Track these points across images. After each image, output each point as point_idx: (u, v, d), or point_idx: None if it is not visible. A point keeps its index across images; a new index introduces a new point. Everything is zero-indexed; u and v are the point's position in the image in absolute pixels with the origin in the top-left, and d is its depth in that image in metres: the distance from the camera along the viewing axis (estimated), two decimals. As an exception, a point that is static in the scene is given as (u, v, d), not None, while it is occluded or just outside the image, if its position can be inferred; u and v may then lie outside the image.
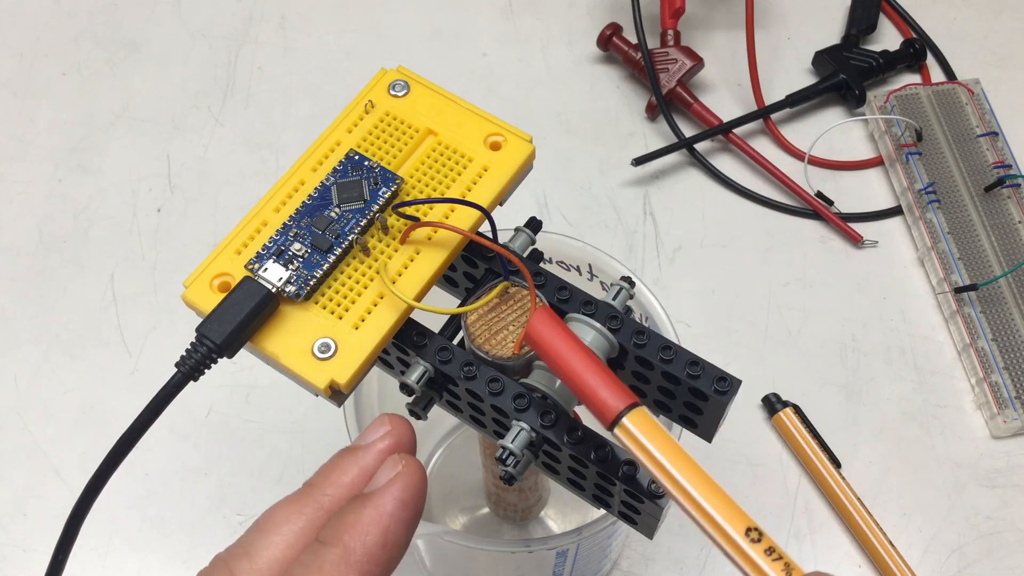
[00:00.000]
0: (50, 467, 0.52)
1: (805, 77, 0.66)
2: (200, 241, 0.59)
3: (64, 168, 0.62)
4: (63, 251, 0.59)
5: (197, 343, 0.27)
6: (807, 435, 0.51)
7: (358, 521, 0.23)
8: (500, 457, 0.28)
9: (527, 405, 0.28)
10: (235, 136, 0.63)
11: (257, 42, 0.68)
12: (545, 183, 0.61)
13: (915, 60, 0.65)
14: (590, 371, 0.25)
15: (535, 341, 0.26)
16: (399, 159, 0.31)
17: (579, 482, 0.30)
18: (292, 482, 0.51)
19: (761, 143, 0.63)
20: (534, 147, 0.32)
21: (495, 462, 0.27)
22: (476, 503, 0.50)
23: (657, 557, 0.50)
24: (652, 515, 0.28)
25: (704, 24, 0.68)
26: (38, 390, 0.54)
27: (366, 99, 0.33)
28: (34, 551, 0.50)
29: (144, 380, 0.54)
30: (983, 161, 0.59)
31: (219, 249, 0.30)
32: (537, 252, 0.33)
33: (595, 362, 0.25)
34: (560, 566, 0.41)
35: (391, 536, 0.23)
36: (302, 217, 0.30)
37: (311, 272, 0.29)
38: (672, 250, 0.59)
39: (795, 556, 0.50)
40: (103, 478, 0.26)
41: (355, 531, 0.23)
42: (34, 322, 0.56)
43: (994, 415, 0.52)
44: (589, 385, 0.25)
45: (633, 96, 0.65)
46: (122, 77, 0.66)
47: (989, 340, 0.54)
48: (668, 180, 0.62)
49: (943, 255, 0.57)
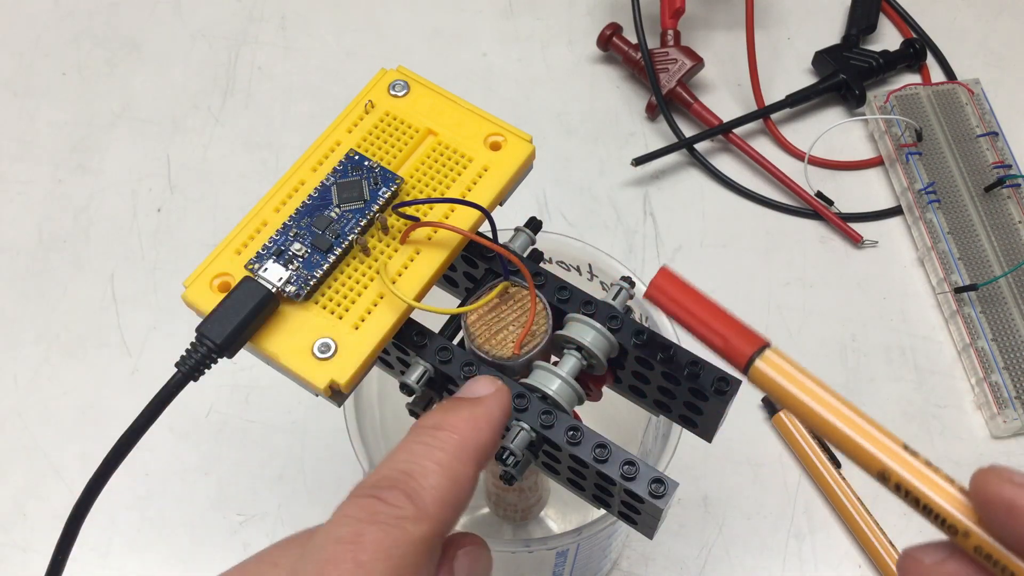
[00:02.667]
0: (50, 467, 0.52)
1: (805, 77, 0.66)
2: (200, 241, 0.59)
3: (64, 168, 0.62)
4: (63, 251, 0.59)
5: (197, 343, 0.27)
6: (807, 435, 0.51)
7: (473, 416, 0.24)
8: (500, 457, 0.28)
9: (527, 405, 0.28)
10: (235, 136, 0.63)
11: (257, 42, 0.68)
12: (545, 183, 0.61)
13: (915, 60, 0.65)
14: (717, 319, 0.25)
15: (656, 298, 0.26)
16: (399, 159, 0.31)
17: (579, 482, 0.30)
18: (292, 482, 0.51)
19: (761, 143, 0.63)
20: (534, 147, 0.32)
21: (495, 462, 0.27)
22: (476, 503, 0.50)
23: (657, 557, 0.50)
24: (652, 515, 0.28)
25: (704, 24, 0.68)
26: (38, 390, 0.54)
27: (366, 99, 0.33)
28: (34, 551, 0.50)
29: (144, 380, 0.54)
30: (983, 161, 0.59)
31: (219, 249, 0.30)
32: (537, 252, 0.33)
33: (719, 311, 0.25)
34: (560, 566, 0.41)
35: (496, 439, 0.24)
36: (302, 217, 0.30)
37: (311, 272, 0.29)
38: (672, 250, 0.59)
39: (795, 556, 0.50)
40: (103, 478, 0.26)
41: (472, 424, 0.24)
42: (34, 322, 0.56)
43: (994, 415, 0.52)
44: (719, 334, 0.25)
45: (633, 96, 0.65)
46: (122, 77, 0.66)
47: (989, 340, 0.53)
48: (668, 180, 0.62)
49: (943, 255, 0.57)
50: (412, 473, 0.22)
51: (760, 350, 0.24)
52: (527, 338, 0.30)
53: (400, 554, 0.21)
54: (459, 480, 0.23)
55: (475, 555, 0.24)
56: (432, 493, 0.22)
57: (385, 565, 0.20)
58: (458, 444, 0.23)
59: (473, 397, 0.25)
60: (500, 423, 0.25)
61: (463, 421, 0.24)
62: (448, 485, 0.22)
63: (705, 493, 0.51)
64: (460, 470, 0.23)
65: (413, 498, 0.22)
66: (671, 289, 0.26)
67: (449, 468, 0.23)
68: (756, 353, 0.24)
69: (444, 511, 0.22)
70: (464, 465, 0.23)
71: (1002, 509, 0.21)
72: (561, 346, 0.30)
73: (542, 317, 0.30)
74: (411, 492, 0.22)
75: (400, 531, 0.21)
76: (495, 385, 0.26)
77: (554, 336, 0.30)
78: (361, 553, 0.20)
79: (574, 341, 0.29)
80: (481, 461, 0.24)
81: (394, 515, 0.21)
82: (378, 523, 0.21)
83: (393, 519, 0.21)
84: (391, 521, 0.21)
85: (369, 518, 0.21)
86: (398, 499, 0.22)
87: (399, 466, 0.23)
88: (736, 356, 0.25)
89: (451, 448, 0.23)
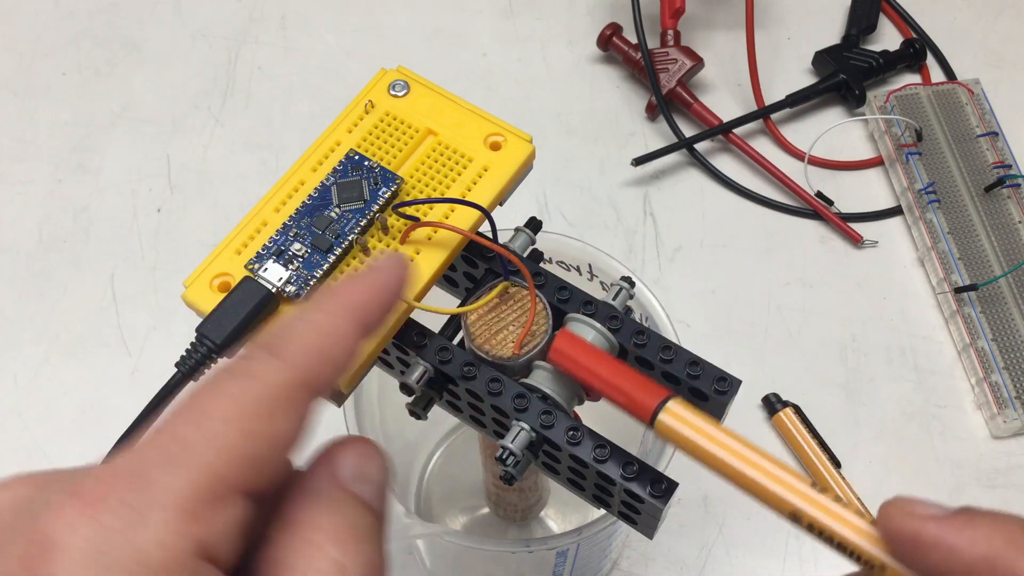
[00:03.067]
0: (50, 467, 0.52)
1: (805, 77, 0.66)
2: (200, 241, 0.59)
3: (64, 168, 0.62)
4: (63, 251, 0.59)
5: (197, 343, 0.27)
6: (807, 435, 0.51)
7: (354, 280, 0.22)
8: (500, 457, 0.28)
9: (527, 405, 0.28)
10: (235, 136, 0.63)
11: (257, 42, 0.68)
12: (545, 183, 0.61)
13: (915, 60, 0.65)
14: (619, 376, 0.25)
15: (559, 362, 0.27)
16: (399, 159, 0.31)
17: (579, 482, 0.30)
18: (292, 482, 0.51)
19: (761, 143, 0.63)
20: (534, 147, 0.32)
21: (495, 462, 0.27)
22: (476, 503, 0.50)
23: (657, 557, 0.50)
24: (652, 515, 0.28)
25: (704, 24, 0.68)
26: (38, 390, 0.54)
27: (366, 99, 0.33)
28: (34, 551, 0.50)
29: (144, 380, 0.54)
30: (983, 161, 0.59)
31: (219, 249, 0.30)
32: (537, 252, 0.33)
33: (621, 368, 0.26)
34: (560, 566, 0.41)
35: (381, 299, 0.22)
36: (302, 217, 0.30)
37: (311, 272, 0.29)
38: (672, 250, 0.59)
39: (795, 556, 0.50)
40: (103, 478, 0.26)
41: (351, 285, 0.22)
42: (34, 322, 0.56)
43: (994, 415, 0.52)
44: (621, 391, 0.25)
45: (633, 96, 0.65)
46: (122, 77, 0.66)
47: (989, 340, 0.53)
48: (668, 180, 0.62)
49: (943, 255, 0.57)
50: (280, 334, 0.21)
51: (664, 402, 0.24)
52: (527, 338, 0.30)
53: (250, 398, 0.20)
54: (331, 333, 0.21)
55: (363, 452, 0.22)
56: (294, 344, 0.21)
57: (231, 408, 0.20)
58: (337, 303, 0.22)
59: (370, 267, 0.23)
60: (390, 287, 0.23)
61: (347, 285, 0.22)
62: (316, 338, 0.21)
63: (705, 493, 0.51)
64: (334, 324, 0.21)
65: (273, 349, 0.21)
66: (572, 351, 0.26)
67: (322, 323, 0.21)
68: (660, 405, 0.24)
69: (308, 360, 0.21)
70: (341, 320, 0.22)
71: (908, 542, 0.21)
72: (561, 346, 0.30)
73: (542, 317, 0.30)
74: (273, 346, 0.21)
75: (251, 379, 0.20)
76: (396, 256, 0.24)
77: (554, 336, 0.30)
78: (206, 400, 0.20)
79: (574, 341, 0.29)
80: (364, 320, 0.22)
81: (251, 366, 0.20)
82: (234, 374, 0.20)
83: (248, 369, 0.20)
84: (245, 371, 0.20)
85: (229, 368, 0.20)
86: (259, 353, 0.21)
87: (271, 331, 0.22)
88: (640, 411, 0.25)
89: (329, 307, 0.22)
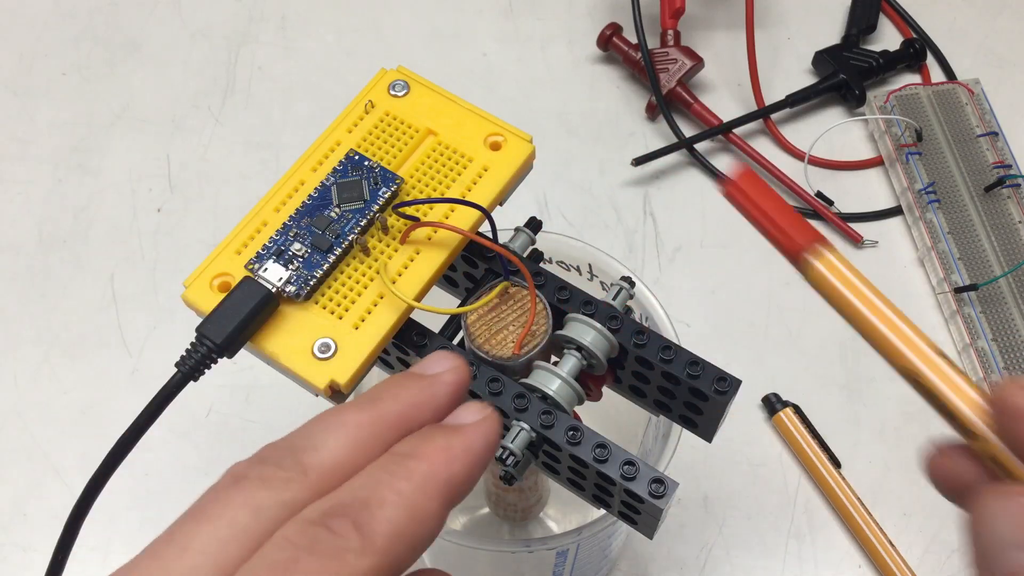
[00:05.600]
0: (50, 467, 0.52)
1: (805, 77, 0.66)
2: (200, 241, 0.59)
3: (64, 168, 0.62)
4: (63, 251, 0.59)
5: (197, 343, 0.27)
6: (807, 435, 0.51)
7: (449, 446, 0.21)
8: (500, 457, 0.28)
9: (527, 405, 0.28)
10: (235, 136, 0.63)
11: (257, 42, 0.68)
12: (545, 183, 0.61)
13: (915, 60, 0.65)
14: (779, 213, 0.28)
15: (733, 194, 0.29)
16: (399, 159, 0.31)
17: (579, 482, 0.30)
18: (292, 482, 0.51)
19: (761, 143, 0.63)
20: (534, 147, 0.32)
21: (495, 462, 0.27)
22: (476, 503, 0.50)
23: (657, 557, 0.50)
24: (652, 515, 0.28)
25: (704, 24, 0.68)
26: (38, 390, 0.54)
27: (366, 99, 0.33)
28: (34, 551, 0.50)
29: (144, 380, 0.54)
30: (983, 161, 0.59)
31: (219, 249, 0.30)
32: (537, 252, 0.33)
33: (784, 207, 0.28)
34: (560, 566, 0.41)
35: (473, 474, 0.21)
36: (302, 217, 0.30)
37: (311, 272, 0.29)
38: (672, 250, 0.59)
39: (795, 556, 0.50)
40: (103, 478, 0.26)
41: (445, 455, 0.21)
42: (34, 322, 0.56)
43: (994, 415, 0.52)
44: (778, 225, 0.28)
45: (633, 96, 0.65)
46: (122, 77, 0.66)
47: (989, 340, 0.54)
48: (668, 180, 0.62)
49: (943, 255, 0.57)
50: (367, 502, 0.20)
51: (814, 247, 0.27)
52: (527, 338, 0.30)
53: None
54: (419, 515, 0.20)
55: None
56: (384, 526, 0.20)
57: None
58: (425, 475, 0.21)
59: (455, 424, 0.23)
60: (481, 456, 0.22)
61: (437, 450, 0.21)
62: (406, 519, 0.20)
63: (705, 493, 0.51)
64: (423, 504, 0.21)
65: (362, 529, 0.20)
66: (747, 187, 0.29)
67: (410, 500, 0.20)
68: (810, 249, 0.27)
69: (396, 546, 0.20)
70: (428, 499, 0.21)
71: (1014, 415, 0.23)
72: (561, 346, 0.30)
73: (542, 317, 0.30)
74: (361, 523, 0.20)
75: (339, 563, 0.19)
76: (483, 412, 0.23)
77: (554, 336, 0.30)
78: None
79: (574, 341, 0.29)
80: (451, 497, 0.21)
81: (336, 546, 0.19)
82: (317, 553, 0.19)
83: (334, 550, 0.19)
84: (331, 552, 0.19)
85: (309, 545, 0.19)
86: (345, 528, 0.20)
87: (355, 492, 0.20)
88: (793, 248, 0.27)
89: (417, 478, 0.21)
